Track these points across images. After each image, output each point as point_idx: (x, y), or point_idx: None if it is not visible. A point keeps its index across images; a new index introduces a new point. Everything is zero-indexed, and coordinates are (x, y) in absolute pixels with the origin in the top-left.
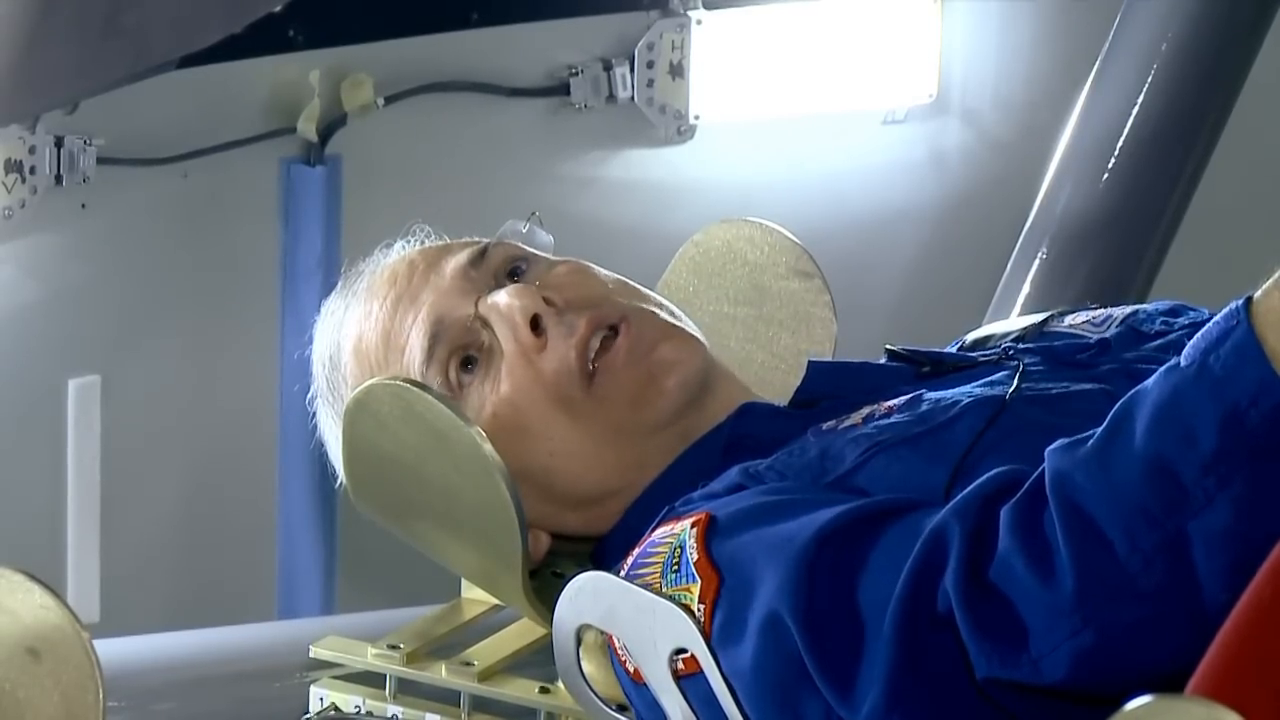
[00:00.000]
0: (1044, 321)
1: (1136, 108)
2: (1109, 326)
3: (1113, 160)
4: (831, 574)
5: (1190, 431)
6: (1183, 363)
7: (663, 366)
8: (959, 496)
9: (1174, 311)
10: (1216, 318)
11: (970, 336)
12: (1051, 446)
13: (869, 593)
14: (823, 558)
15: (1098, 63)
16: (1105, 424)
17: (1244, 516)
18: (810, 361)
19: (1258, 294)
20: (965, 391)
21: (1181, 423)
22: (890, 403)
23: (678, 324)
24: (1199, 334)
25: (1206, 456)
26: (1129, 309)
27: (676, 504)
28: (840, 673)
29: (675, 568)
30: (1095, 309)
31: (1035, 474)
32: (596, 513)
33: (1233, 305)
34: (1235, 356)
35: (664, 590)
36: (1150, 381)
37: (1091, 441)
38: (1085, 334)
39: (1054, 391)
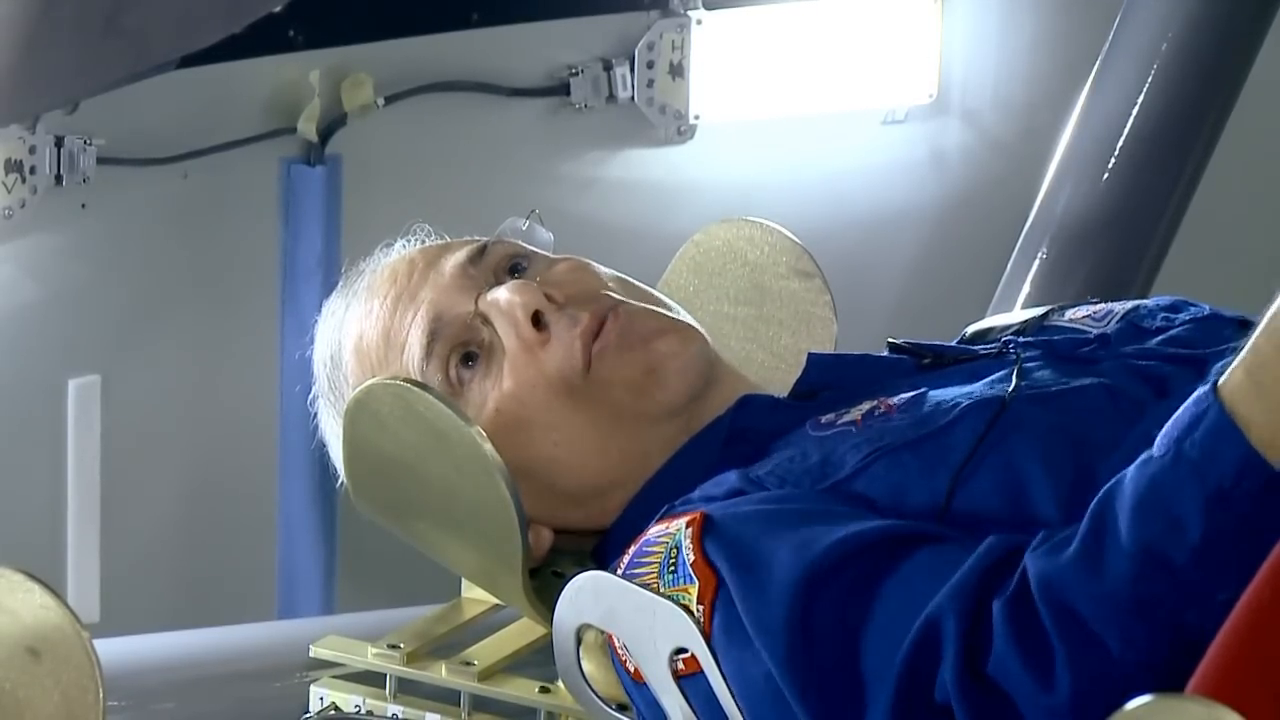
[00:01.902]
0: (1045, 315)
1: (1136, 108)
2: (1110, 321)
3: (1113, 160)
4: (828, 630)
5: (1175, 520)
6: (1156, 453)
7: (664, 358)
8: (954, 579)
9: (1175, 307)
10: (1186, 404)
11: (971, 329)
12: (1032, 548)
13: (866, 659)
14: (819, 604)
15: (1098, 63)
16: (1085, 521)
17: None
18: (810, 354)
19: (1222, 378)
20: (965, 392)
21: (1166, 511)
22: (892, 401)
23: (678, 318)
24: (1169, 424)
25: (1195, 543)
26: (1130, 304)
27: (676, 503)
28: None
29: (672, 568)
30: (1096, 304)
31: (1025, 559)
32: (599, 507)
33: (1199, 390)
34: (1211, 437)
35: (662, 591)
36: (1125, 475)
37: (1075, 543)
38: (1085, 329)
39: (1053, 389)
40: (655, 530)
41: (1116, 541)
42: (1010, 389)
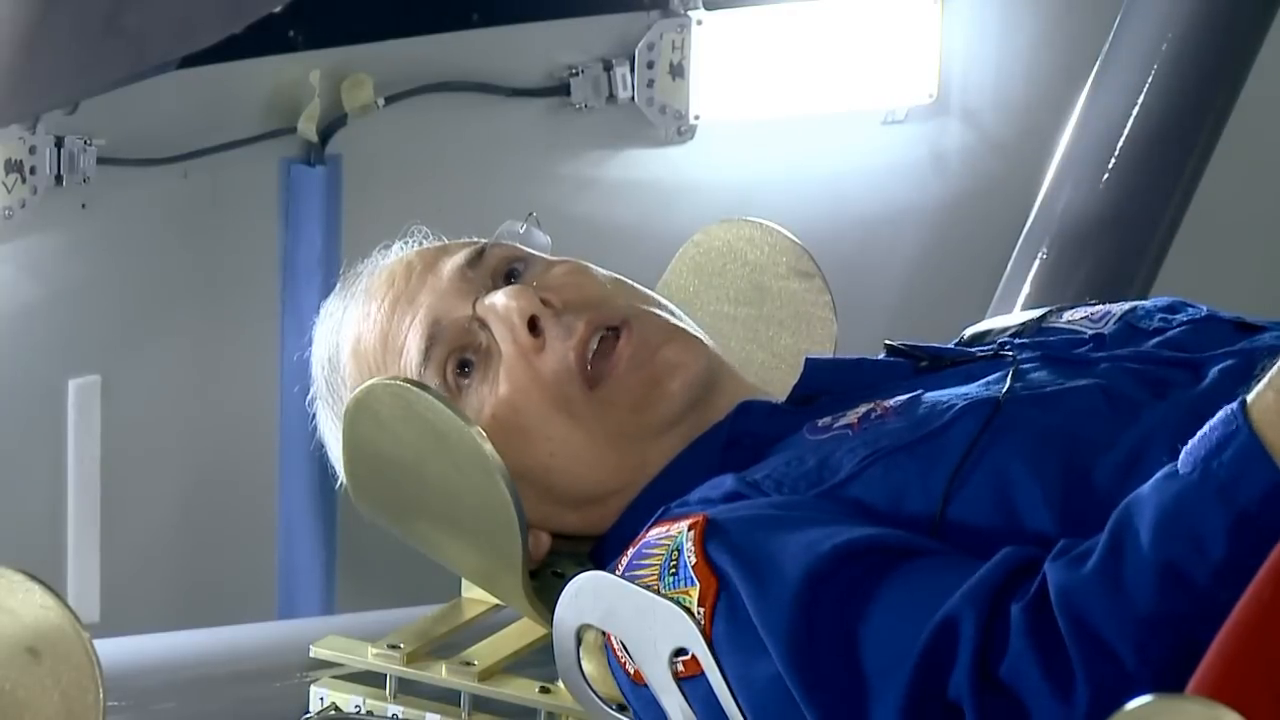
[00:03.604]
0: (1042, 317)
1: (1136, 108)
2: (1107, 323)
3: (1113, 160)
4: (833, 627)
5: (1199, 539)
6: (1182, 470)
7: (667, 369)
8: (971, 581)
9: (1173, 308)
10: (1213, 422)
11: (969, 331)
12: (1052, 556)
13: (872, 657)
14: (821, 604)
15: (1098, 63)
16: (1105, 535)
17: None
18: (808, 358)
19: (1251, 396)
20: (960, 394)
21: (1189, 530)
22: (888, 403)
23: (680, 325)
24: (1195, 440)
25: (1218, 563)
26: (1127, 305)
27: (673, 505)
28: None
29: (673, 570)
30: (1094, 305)
31: (1044, 568)
32: (597, 512)
33: (1227, 410)
34: (1240, 460)
35: (663, 593)
36: (1146, 489)
37: (1096, 556)
38: (1082, 329)
39: (1048, 390)
40: (655, 532)
41: (1138, 558)
42: (1004, 390)
